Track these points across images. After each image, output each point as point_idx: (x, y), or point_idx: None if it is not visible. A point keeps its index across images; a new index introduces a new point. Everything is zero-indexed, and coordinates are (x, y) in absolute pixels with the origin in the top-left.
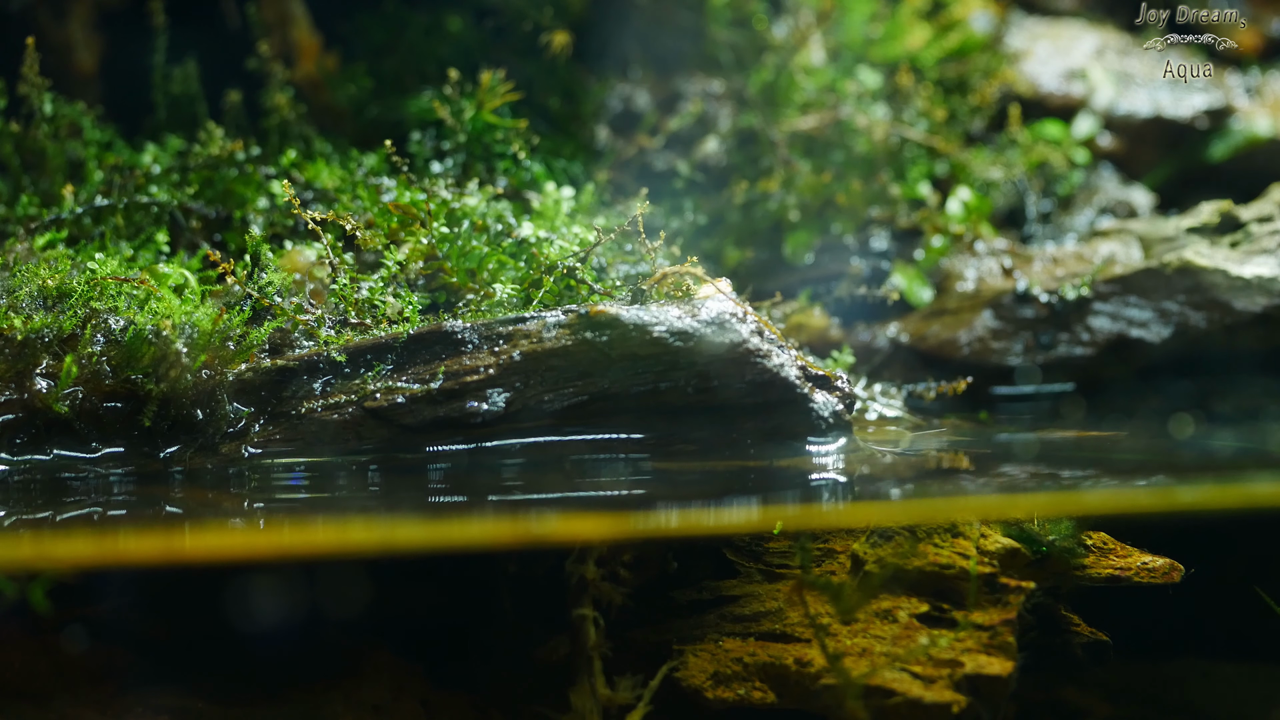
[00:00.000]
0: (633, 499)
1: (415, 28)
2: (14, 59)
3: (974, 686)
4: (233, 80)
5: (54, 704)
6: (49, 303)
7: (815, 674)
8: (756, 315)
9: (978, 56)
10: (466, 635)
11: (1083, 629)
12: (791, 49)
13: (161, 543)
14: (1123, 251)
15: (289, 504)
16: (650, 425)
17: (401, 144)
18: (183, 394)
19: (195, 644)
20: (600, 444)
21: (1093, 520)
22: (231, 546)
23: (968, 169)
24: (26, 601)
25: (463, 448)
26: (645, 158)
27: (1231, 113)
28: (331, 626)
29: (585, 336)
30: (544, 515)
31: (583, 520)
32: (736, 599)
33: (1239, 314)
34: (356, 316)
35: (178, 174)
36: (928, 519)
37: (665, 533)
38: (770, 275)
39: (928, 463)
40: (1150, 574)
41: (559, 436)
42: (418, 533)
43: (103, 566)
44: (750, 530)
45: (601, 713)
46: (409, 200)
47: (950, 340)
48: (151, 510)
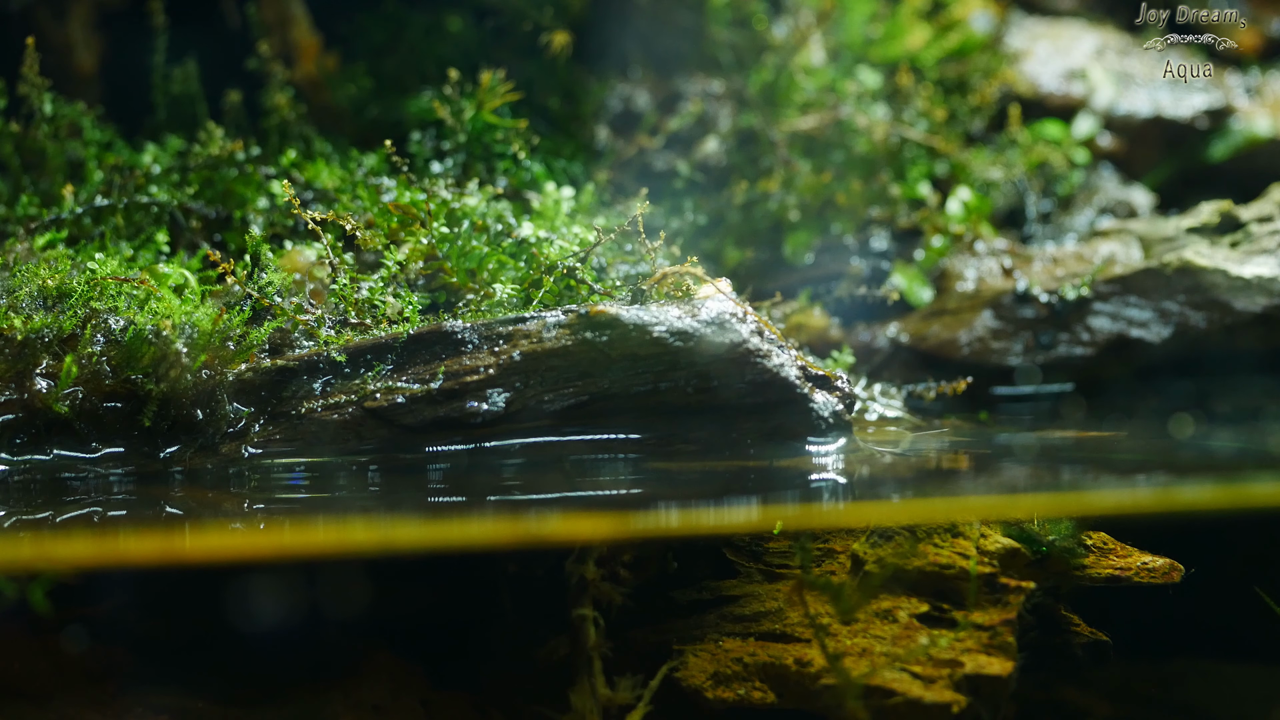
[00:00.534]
0: (632, 499)
1: (415, 28)
2: (14, 59)
3: (974, 686)
4: (233, 80)
5: (54, 704)
6: (49, 303)
7: (815, 674)
8: (756, 315)
9: (978, 56)
10: (466, 635)
11: (1083, 629)
12: (791, 49)
13: (161, 543)
14: (1123, 251)
15: (289, 504)
16: (650, 425)
17: (401, 144)
18: (183, 394)
19: (195, 644)
20: (600, 444)
21: (1093, 521)
22: (231, 547)
23: (968, 169)
24: (27, 601)
25: (462, 448)
26: (645, 158)
27: (1231, 113)
28: (331, 626)
29: (585, 336)
30: (544, 515)
31: (582, 520)
32: (736, 599)
33: (1239, 314)
34: (356, 316)
35: (178, 174)
36: (928, 519)
37: (665, 533)
38: (770, 275)
39: (928, 463)
40: (1150, 574)
41: (559, 437)
42: (418, 533)
43: (103, 567)
44: (750, 530)
45: (601, 713)
46: (409, 200)
47: (950, 340)
48: (151, 511)
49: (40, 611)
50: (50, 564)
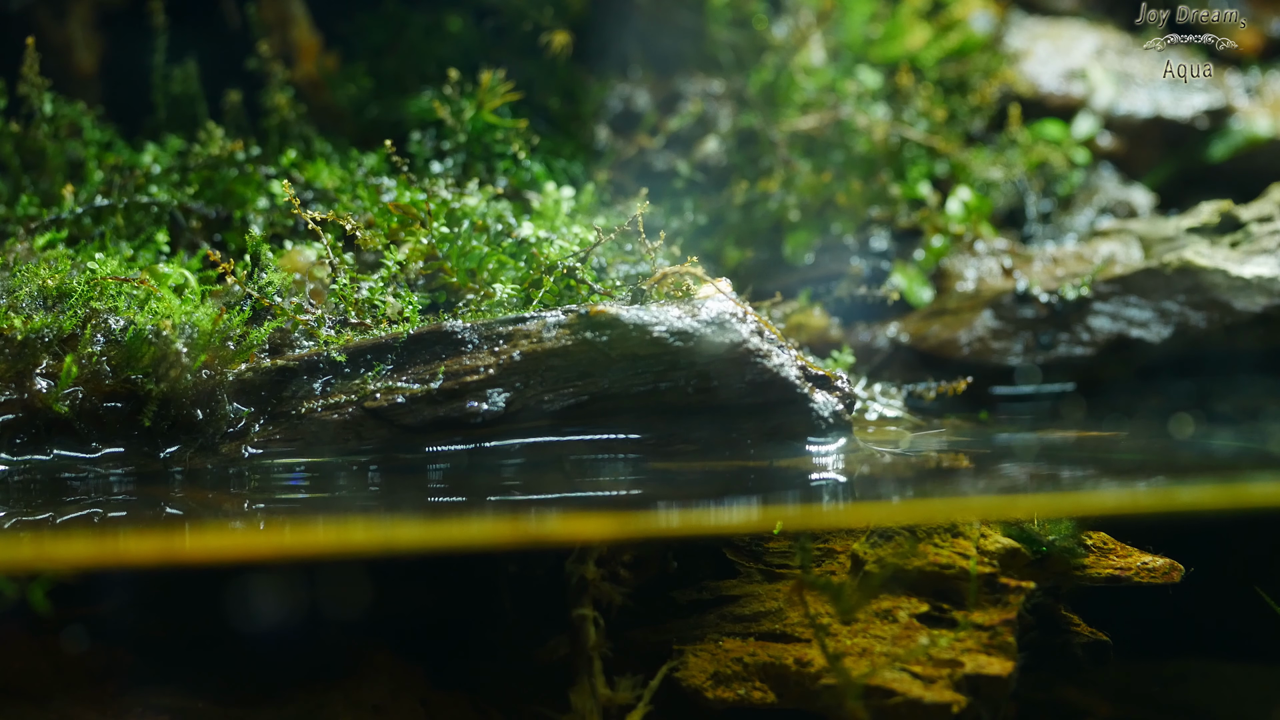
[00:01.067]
0: (633, 499)
1: (415, 28)
2: (14, 59)
3: (974, 686)
4: (233, 80)
5: (54, 704)
6: (49, 303)
7: (815, 674)
8: (756, 315)
9: (978, 56)
10: (467, 635)
11: (1083, 629)
12: (791, 49)
13: (161, 544)
14: (1123, 251)
15: (289, 504)
16: (650, 425)
17: (401, 144)
18: (183, 394)
19: (195, 644)
20: (600, 444)
21: (1093, 521)
22: (231, 547)
23: (968, 169)
24: (27, 601)
25: (462, 448)
26: (645, 158)
27: (1231, 113)
28: (331, 626)
29: (585, 336)
30: (543, 515)
31: (582, 520)
32: (736, 599)
33: (1239, 314)
34: (356, 316)
35: (178, 174)
36: (927, 519)
37: (666, 533)
38: (770, 275)
39: (928, 463)
40: (1150, 574)
41: (559, 437)
42: (417, 533)
43: (103, 567)
44: (750, 530)
45: (601, 713)
46: (409, 200)
47: (950, 340)
48: (151, 511)
49: (40, 611)
50: (51, 564)
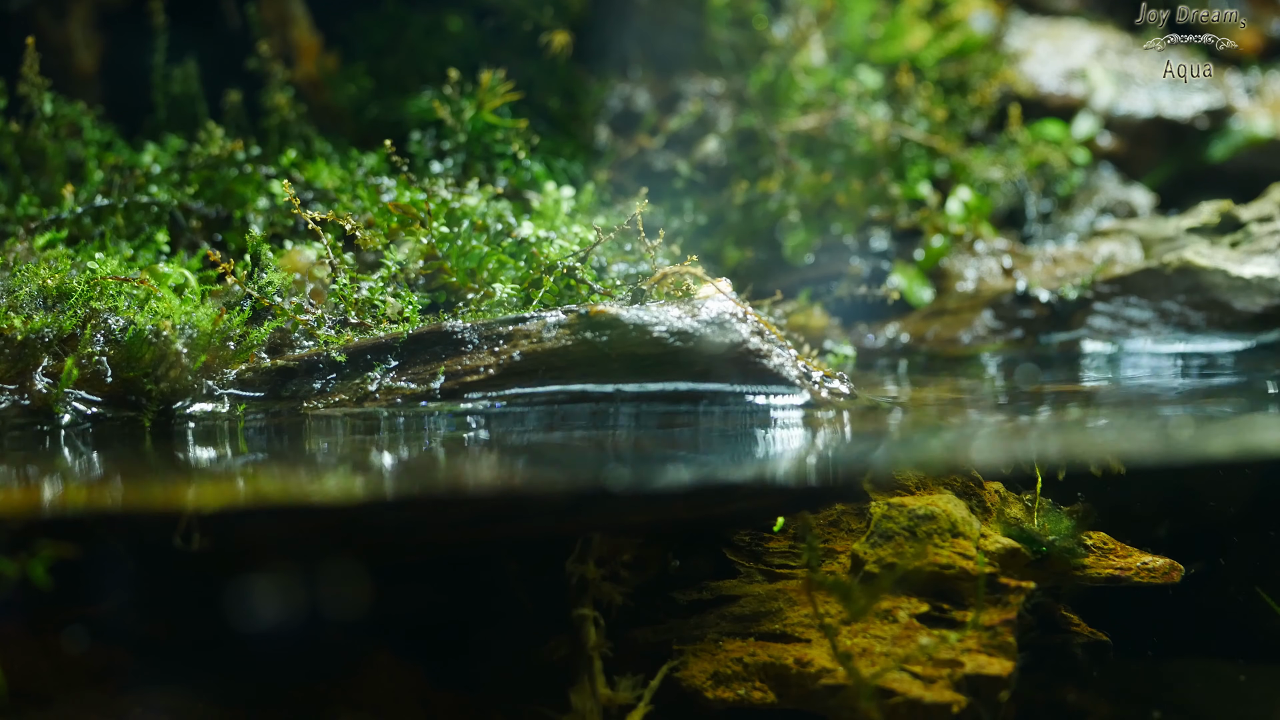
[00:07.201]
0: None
1: (415, 28)
2: (14, 59)
3: (974, 686)
4: (233, 80)
5: (54, 704)
6: (49, 303)
7: (815, 674)
8: (756, 315)
9: (978, 56)
10: (466, 635)
11: (1083, 629)
12: (791, 49)
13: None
14: (1123, 251)
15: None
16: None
17: (401, 144)
18: (183, 394)
19: (195, 644)
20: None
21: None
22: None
23: (968, 169)
24: (27, 601)
25: None
26: (645, 158)
27: (1231, 113)
28: (331, 626)
29: (585, 336)
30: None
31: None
32: (736, 599)
33: (1239, 314)
34: (356, 316)
35: (178, 174)
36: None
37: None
38: (770, 275)
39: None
40: (1150, 574)
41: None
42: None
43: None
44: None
45: (602, 712)
46: (409, 200)
47: (950, 340)
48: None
49: (40, 586)
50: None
